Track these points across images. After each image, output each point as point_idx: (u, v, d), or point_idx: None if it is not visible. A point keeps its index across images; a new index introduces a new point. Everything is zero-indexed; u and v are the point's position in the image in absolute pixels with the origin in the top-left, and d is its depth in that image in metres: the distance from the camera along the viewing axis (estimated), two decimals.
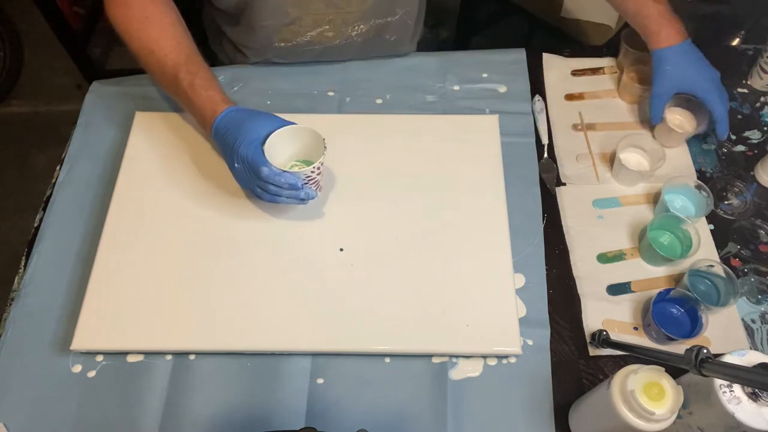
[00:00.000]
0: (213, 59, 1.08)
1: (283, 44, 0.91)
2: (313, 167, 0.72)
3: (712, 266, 0.75)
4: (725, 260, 0.80)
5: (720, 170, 0.89)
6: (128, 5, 0.78)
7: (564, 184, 0.87)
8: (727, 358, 0.56)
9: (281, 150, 0.75)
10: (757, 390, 0.54)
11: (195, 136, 0.87)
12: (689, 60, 0.84)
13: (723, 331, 0.75)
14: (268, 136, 0.72)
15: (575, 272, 0.80)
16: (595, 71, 0.99)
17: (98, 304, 0.73)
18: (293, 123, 0.74)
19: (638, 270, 0.80)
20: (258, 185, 0.72)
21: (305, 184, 0.73)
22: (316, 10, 0.87)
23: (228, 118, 0.73)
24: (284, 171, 0.71)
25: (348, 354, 0.73)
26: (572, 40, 1.43)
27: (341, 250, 0.78)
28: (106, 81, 0.98)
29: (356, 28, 0.90)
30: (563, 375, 0.73)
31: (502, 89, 0.96)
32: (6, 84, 2.06)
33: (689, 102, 0.88)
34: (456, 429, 0.69)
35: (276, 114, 0.76)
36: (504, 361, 0.73)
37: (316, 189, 0.76)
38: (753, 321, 0.76)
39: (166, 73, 0.77)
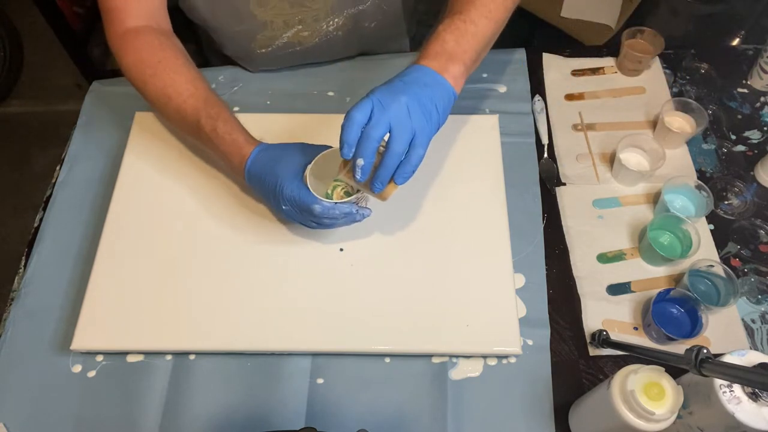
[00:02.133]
0: (207, 63, 1.07)
1: (264, 50, 0.90)
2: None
3: (712, 266, 0.75)
4: (725, 260, 0.80)
5: (720, 170, 0.89)
6: (140, 51, 0.77)
7: (564, 184, 0.87)
8: (727, 358, 0.56)
9: (321, 178, 0.72)
10: (757, 390, 0.54)
11: None
12: (385, 83, 0.65)
13: (723, 331, 0.75)
14: (305, 166, 0.69)
15: (575, 272, 0.80)
16: (595, 71, 0.99)
17: (98, 304, 0.73)
18: (326, 146, 0.71)
19: (638, 270, 0.80)
20: (312, 220, 0.69)
21: (358, 209, 0.70)
22: (281, 11, 0.85)
23: (259, 160, 0.70)
24: (337, 203, 0.67)
25: (348, 354, 0.73)
26: (572, 40, 1.44)
27: (341, 250, 0.78)
28: (106, 81, 0.98)
29: (331, 22, 0.88)
30: (563, 375, 0.73)
31: (502, 89, 0.96)
32: (6, 84, 2.06)
33: (687, 105, 0.88)
34: (456, 429, 0.69)
35: (276, 115, 0.75)
36: (504, 361, 0.73)
37: (366, 204, 0.73)
38: (753, 321, 0.76)
39: (186, 119, 0.75)
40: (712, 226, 0.83)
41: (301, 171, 0.69)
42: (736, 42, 1.15)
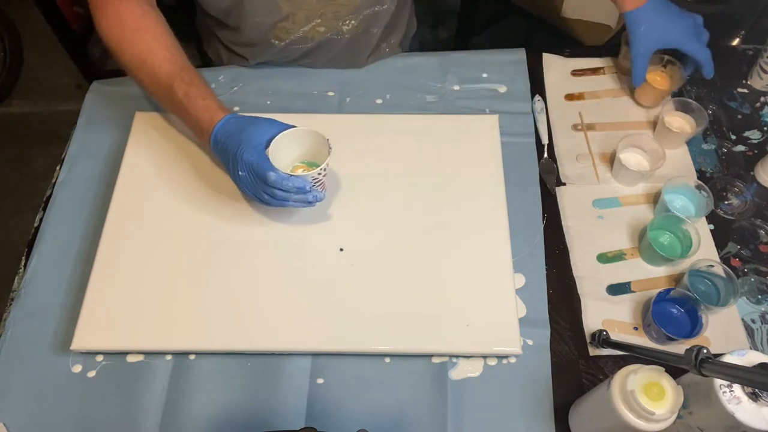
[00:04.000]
0: (207, 63, 1.07)
1: (277, 42, 0.91)
2: (320, 169, 0.71)
3: (712, 266, 0.75)
4: (725, 260, 0.80)
5: (720, 170, 0.89)
6: (121, 17, 0.77)
7: (564, 184, 0.87)
8: (727, 358, 0.56)
9: (285, 154, 0.74)
10: (757, 390, 0.54)
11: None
12: (660, 15, 0.85)
13: (723, 331, 0.75)
14: (270, 141, 0.71)
15: (575, 272, 0.80)
16: (595, 71, 0.99)
17: (98, 304, 0.73)
18: (294, 126, 0.73)
19: (638, 270, 0.80)
20: (265, 191, 0.71)
21: (313, 186, 0.72)
22: (308, 6, 0.86)
23: (227, 125, 0.72)
24: (292, 175, 0.70)
25: (348, 354, 0.73)
26: (572, 40, 1.44)
27: (341, 250, 0.78)
28: (106, 81, 0.98)
29: (347, 22, 0.90)
30: (563, 375, 0.73)
31: (502, 89, 0.96)
32: (6, 84, 2.06)
33: (687, 105, 0.88)
34: (456, 429, 0.69)
35: (276, 114, 0.76)
36: (504, 361, 0.73)
37: (322, 191, 0.75)
38: (753, 321, 0.76)
39: (159, 83, 0.76)
40: (712, 226, 0.83)
41: (265, 143, 0.71)
42: (736, 42, 1.15)
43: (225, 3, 0.86)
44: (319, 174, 0.72)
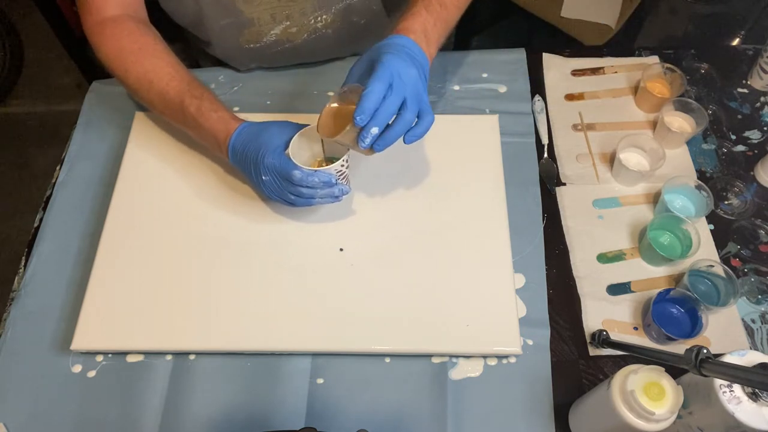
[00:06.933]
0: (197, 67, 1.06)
1: (252, 46, 0.90)
2: (343, 160, 0.71)
3: (712, 266, 0.75)
4: (725, 260, 0.80)
5: (720, 170, 0.89)
6: (119, 39, 0.77)
7: (564, 184, 0.87)
8: (727, 358, 0.56)
9: (303, 152, 0.74)
10: (757, 390, 0.54)
11: None
12: (390, 48, 0.67)
13: (723, 331, 0.75)
14: (287, 142, 0.71)
15: (575, 272, 0.80)
16: (595, 71, 0.99)
17: (98, 304, 0.74)
18: (308, 125, 0.73)
19: (638, 270, 0.80)
20: (291, 192, 0.70)
21: (338, 180, 0.72)
22: (268, 5, 0.84)
23: (243, 134, 0.72)
24: (316, 170, 0.69)
25: (348, 354, 0.73)
26: (572, 40, 1.44)
27: (341, 250, 0.78)
28: (106, 81, 0.98)
29: (319, 18, 0.88)
30: (563, 375, 0.73)
31: (502, 89, 0.96)
32: (6, 84, 2.06)
33: (687, 105, 0.88)
34: (456, 429, 0.69)
35: (277, 115, 0.76)
36: (504, 361, 0.73)
37: (347, 183, 0.75)
38: (753, 321, 0.76)
39: (169, 101, 0.75)
40: (712, 226, 0.83)
41: (284, 144, 0.71)
42: (736, 42, 1.16)
43: (188, 10, 0.84)
44: (342, 166, 0.71)
